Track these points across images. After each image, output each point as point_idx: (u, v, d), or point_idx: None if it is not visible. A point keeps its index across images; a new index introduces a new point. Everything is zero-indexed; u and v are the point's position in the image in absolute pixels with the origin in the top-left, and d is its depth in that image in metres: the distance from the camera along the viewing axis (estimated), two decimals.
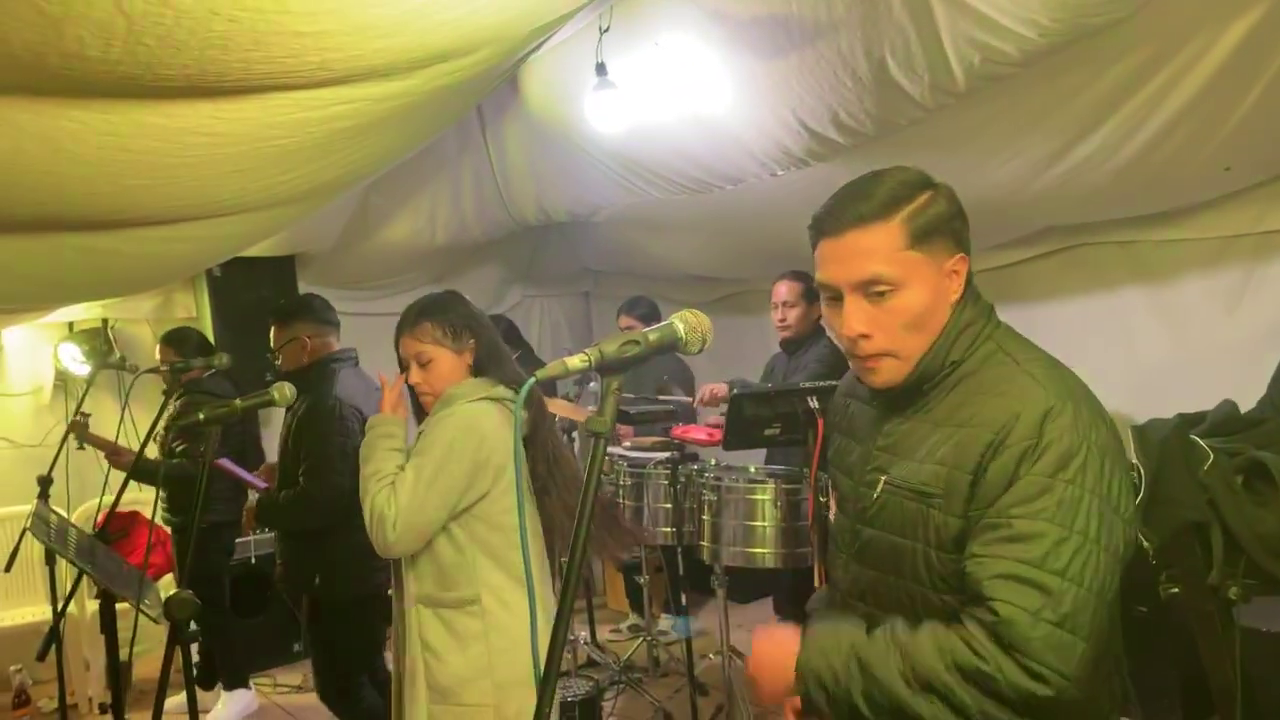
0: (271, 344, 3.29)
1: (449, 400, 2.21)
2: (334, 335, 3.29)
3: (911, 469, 1.33)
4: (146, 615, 1.97)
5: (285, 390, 2.22)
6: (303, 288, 5.10)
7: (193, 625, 1.99)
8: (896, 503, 1.35)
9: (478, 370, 2.28)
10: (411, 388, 2.28)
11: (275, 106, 1.46)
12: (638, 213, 4.48)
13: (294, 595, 3.63)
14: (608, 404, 1.14)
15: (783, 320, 3.97)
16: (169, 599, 1.89)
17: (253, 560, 4.72)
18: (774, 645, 1.38)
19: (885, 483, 1.37)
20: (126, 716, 2.63)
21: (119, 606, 2.38)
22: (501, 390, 2.24)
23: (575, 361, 1.13)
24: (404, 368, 2.30)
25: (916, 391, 1.37)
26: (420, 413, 2.34)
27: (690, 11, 3.08)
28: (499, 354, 2.31)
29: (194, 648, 4.40)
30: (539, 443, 2.32)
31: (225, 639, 4.30)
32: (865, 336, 1.33)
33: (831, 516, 1.56)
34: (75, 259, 2.23)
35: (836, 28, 2.78)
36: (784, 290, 3.96)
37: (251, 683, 4.47)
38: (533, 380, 1.13)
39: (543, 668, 1.08)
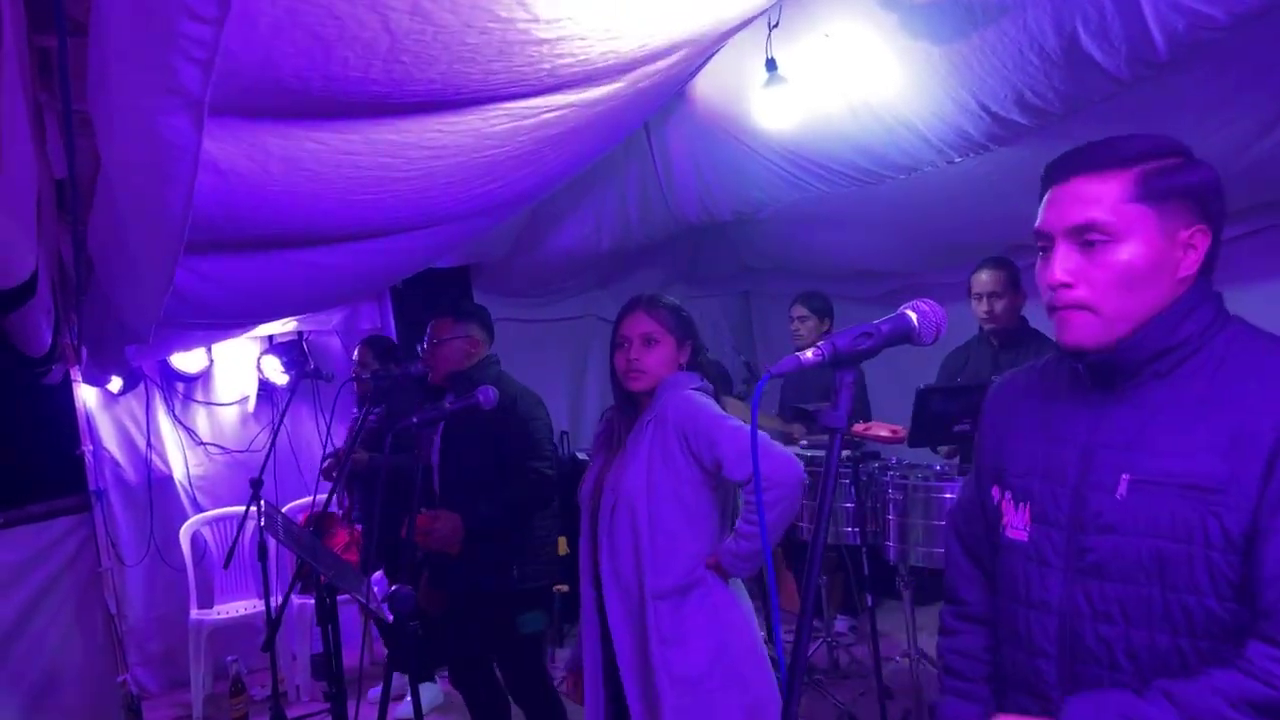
0: (431, 336, 3.27)
1: (672, 385, 2.32)
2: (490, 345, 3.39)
3: (1175, 461, 1.19)
4: (372, 612, 2.08)
5: (490, 394, 2.31)
6: (476, 296, 5.31)
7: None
8: (1159, 502, 1.19)
9: (692, 367, 2.41)
10: (617, 371, 2.38)
11: (492, 117, 1.52)
12: (803, 208, 4.42)
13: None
14: (841, 398, 1.12)
15: (989, 311, 3.60)
16: (392, 594, 1.99)
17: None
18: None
19: (1132, 480, 1.21)
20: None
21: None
22: (709, 385, 2.39)
23: (809, 355, 1.12)
24: (617, 346, 2.38)
25: (1141, 374, 1.25)
26: (620, 394, 2.42)
27: (861, 0, 3.02)
28: (705, 365, 2.44)
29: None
30: None
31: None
32: (1066, 286, 1.24)
33: (1009, 533, 1.37)
34: (299, 274, 2.40)
35: (1023, 3, 2.66)
36: (986, 279, 3.59)
37: (437, 676, 4.67)
38: (768, 376, 1.12)
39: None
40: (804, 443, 3.95)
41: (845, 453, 3.50)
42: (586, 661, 2.42)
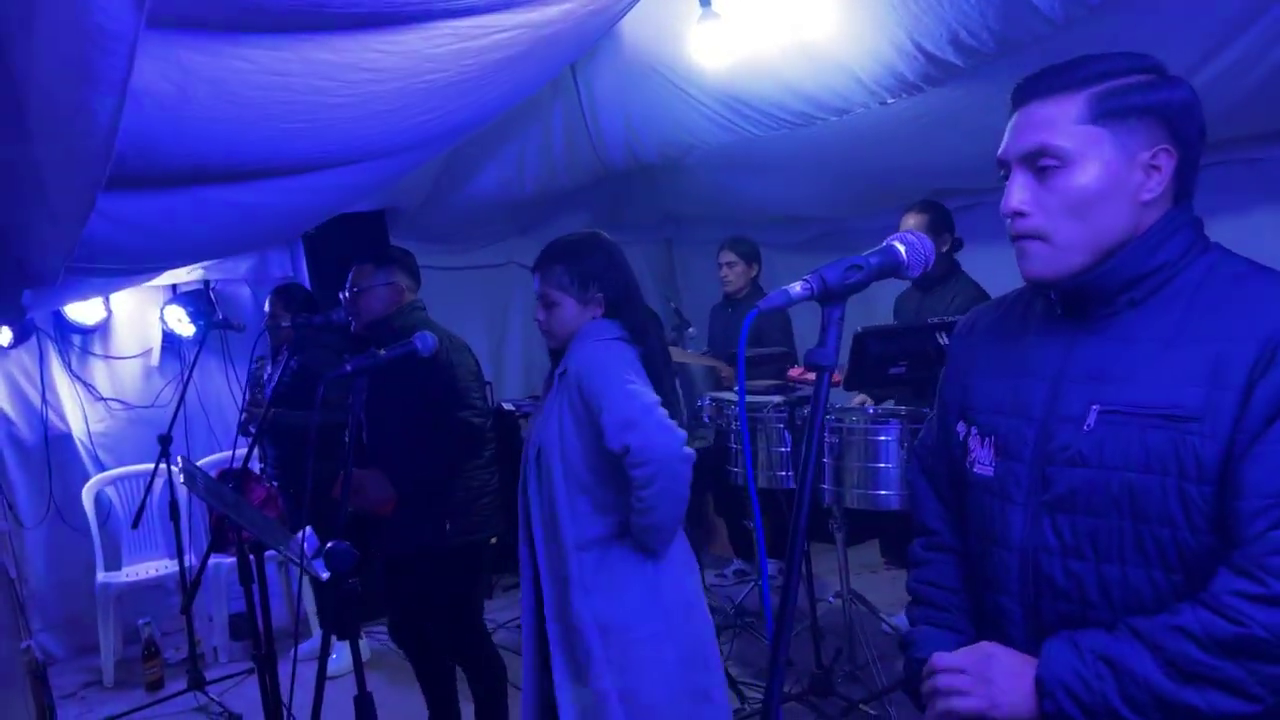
0: (352, 284, 3.08)
1: (581, 337, 2.26)
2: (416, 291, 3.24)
3: (1149, 391, 1.15)
4: (307, 571, 1.98)
5: (428, 340, 2.20)
6: (393, 242, 5.09)
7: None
8: (1129, 433, 1.16)
9: (611, 315, 2.30)
10: None
11: (437, 36, 1.40)
12: (732, 152, 4.36)
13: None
14: (829, 335, 1.07)
15: None
16: (329, 551, 1.89)
17: None
18: (1001, 661, 1.21)
19: (1101, 411, 1.18)
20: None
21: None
22: (631, 335, 2.27)
23: (797, 289, 1.06)
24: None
25: (1114, 302, 1.21)
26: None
27: None
28: (630, 302, 2.32)
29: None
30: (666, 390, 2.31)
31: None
32: (1020, 214, 1.22)
33: (977, 469, 1.34)
34: (214, 215, 2.22)
35: None
36: (911, 222, 3.66)
37: (363, 631, 4.56)
38: (755, 313, 1.06)
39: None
40: (736, 387, 3.93)
41: (778, 398, 3.49)
42: (523, 611, 2.37)
